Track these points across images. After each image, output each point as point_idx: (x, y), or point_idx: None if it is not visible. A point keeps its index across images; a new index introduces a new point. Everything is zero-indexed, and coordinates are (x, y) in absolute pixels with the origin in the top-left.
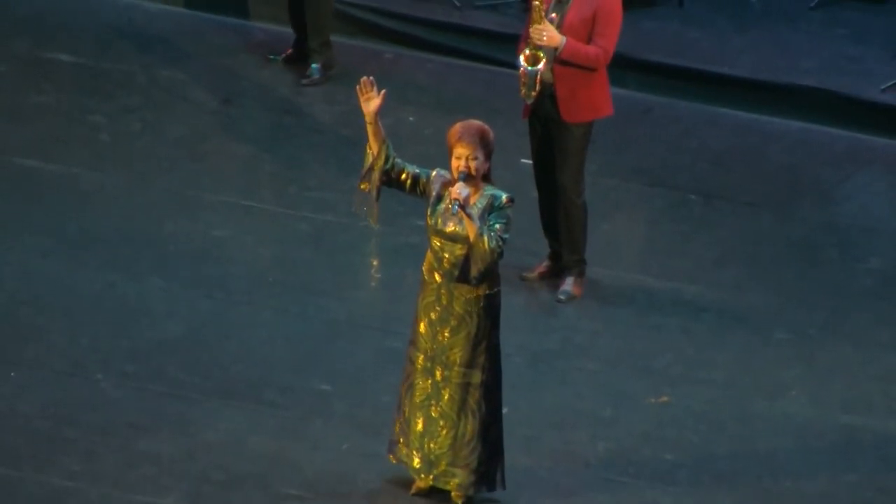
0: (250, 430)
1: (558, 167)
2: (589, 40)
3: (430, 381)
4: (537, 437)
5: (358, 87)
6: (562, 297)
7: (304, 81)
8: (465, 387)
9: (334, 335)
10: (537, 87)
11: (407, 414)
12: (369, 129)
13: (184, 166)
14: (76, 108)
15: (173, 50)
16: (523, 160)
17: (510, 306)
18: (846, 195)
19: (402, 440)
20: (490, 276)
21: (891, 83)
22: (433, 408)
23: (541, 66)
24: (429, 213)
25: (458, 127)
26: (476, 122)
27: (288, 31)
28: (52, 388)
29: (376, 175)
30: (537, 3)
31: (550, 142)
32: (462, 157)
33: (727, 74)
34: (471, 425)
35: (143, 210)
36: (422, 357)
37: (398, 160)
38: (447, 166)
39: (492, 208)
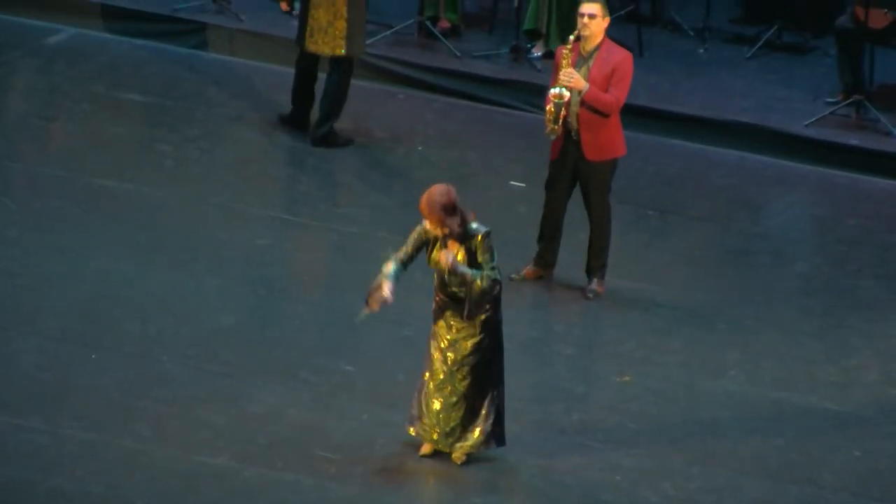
0: (288, 403)
1: (590, 198)
2: (606, 92)
3: (445, 367)
4: (522, 409)
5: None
6: (590, 294)
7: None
8: (475, 367)
9: (357, 325)
10: (560, 122)
11: (428, 396)
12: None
13: (234, 186)
14: (145, 139)
15: (226, 91)
16: (512, 182)
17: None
18: (776, 211)
19: (423, 418)
20: (490, 292)
21: (812, 120)
22: (449, 389)
23: (564, 101)
24: (427, 256)
25: (422, 205)
26: (435, 195)
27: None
28: (126, 368)
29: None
30: (566, 51)
31: (576, 178)
32: (433, 228)
33: (679, 112)
34: (480, 398)
35: (201, 222)
36: (438, 347)
37: (402, 265)
38: (450, 182)
39: (476, 246)
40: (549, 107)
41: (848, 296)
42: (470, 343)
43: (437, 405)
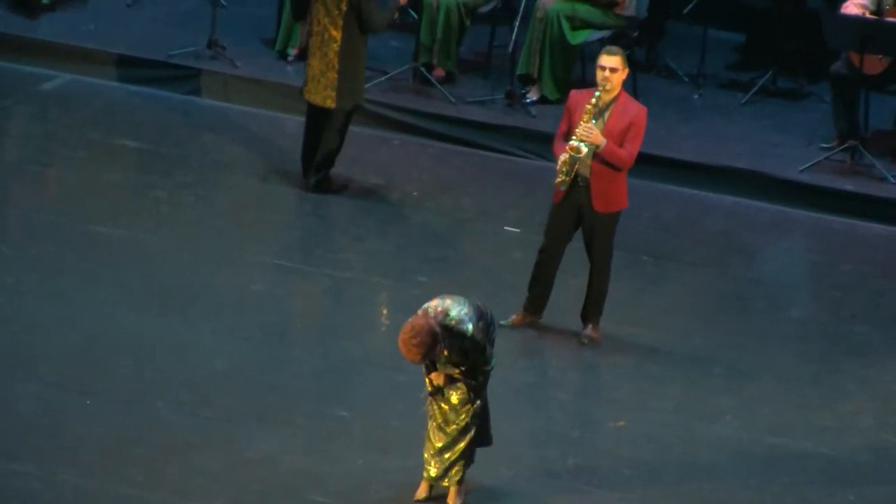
0: (283, 449)
1: (594, 248)
2: (620, 145)
3: (439, 406)
4: (518, 454)
5: None
6: (584, 340)
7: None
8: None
9: (352, 371)
10: (572, 175)
11: (429, 436)
12: None
13: (229, 232)
14: (140, 185)
15: (220, 137)
16: (507, 228)
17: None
18: (771, 257)
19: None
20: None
21: (807, 165)
22: (447, 427)
23: (581, 155)
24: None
25: (400, 348)
26: (406, 335)
27: None
28: (121, 413)
29: None
30: (589, 106)
31: (580, 226)
32: (418, 364)
33: (674, 157)
34: (468, 438)
35: (196, 268)
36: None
37: None
38: (447, 238)
39: (465, 351)
40: (564, 157)
41: (843, 341)
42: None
43: (438, 443)
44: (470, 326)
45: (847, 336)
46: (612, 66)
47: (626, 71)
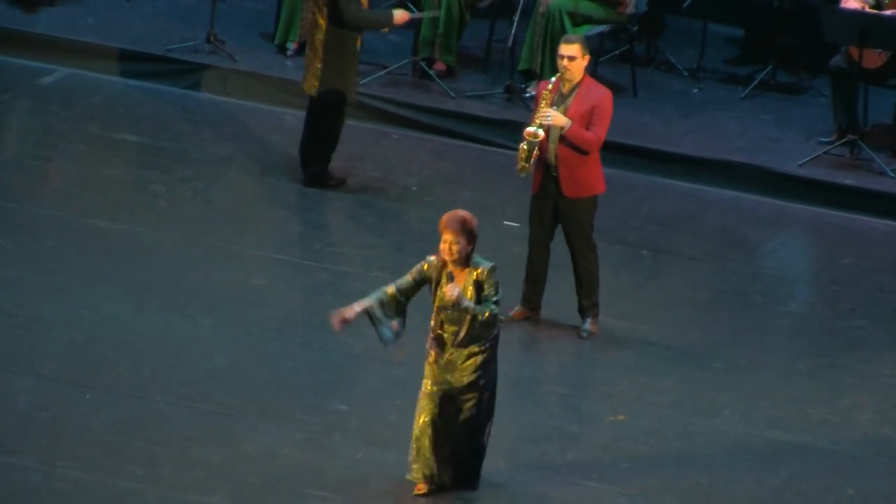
0: (282, 443)
1: (571, 235)
2: (586, 129)
3: (435, 404)
4: (516, 448)
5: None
6: (584, 334)
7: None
8: (470, 407)
9: (350, 365)
10: (531, 161)
11: (418, 434)
12: (360, 311)
13: (228, 227)
14: (139, 179)
15: (219, 132)
16: (506, 222)
17: None
18: (770, 251)
19: (419, 457)
20: (491, 327)
21: (806, 159)
22: (445, 428)
23: (538, 140)
24: (431, 294)
25: (444, 217)
26: (460, 213)
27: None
28: (120, 408)
29: (395, 322)
30: (545, 92)
31: (558, 215)
32: (447, 241)
33: (673, 152)
34: (472, 436)
35: (195, 263)
36: (430, 383)
37: (400, 286)
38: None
39: (480, 283)
40: (523, 144)
41: (842, 335)
42: (466, 381)
43: (428, 442)
44: (488, 262)
45: (846, 330)
46: (570, 54)
47: (587, 57)
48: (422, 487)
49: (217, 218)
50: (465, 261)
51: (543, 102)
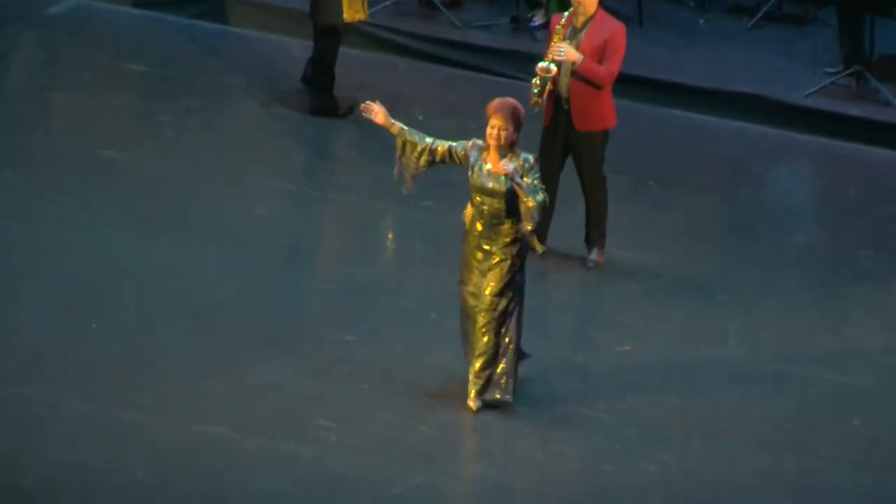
0: (288, 374)
1: (582, 168)
2: (599, 63)
3: (481, 315)
4: (522, 378)
5: (363, 113)
6: (590, 264)
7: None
8: (493, 312)
9: (357, 295)
10: (544, 96)
11: (472, 338)
12: (392, 131)
13: (234, 156)
14: (146, 109)
15: (226, 61)
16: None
17: None
18: (776, 182)
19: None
20: (542, 209)
21: (812, 90)
22: (486, 338)
23: (551, 75)
24: (470, 174)
25: (495, 102)
26: (510, 100)
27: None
28: (126, 339)
29: (412, 165)
30: (559, 27)
31: (567, 148)
32: (495, 126)
33: (679, 82)
34: (497, 344)
35: (201, 192)
36: (473, 293)
37: (433, 144)
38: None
39: (524, 170)
40: (535, 80)
41: (848, 266)
42: (492, 287)
43: (483, 342)
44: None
45: (852, 261)
46: None
47: None
48: (473, 405)
49: (223, 148)
50: (509, 148)
51: (556, 37)
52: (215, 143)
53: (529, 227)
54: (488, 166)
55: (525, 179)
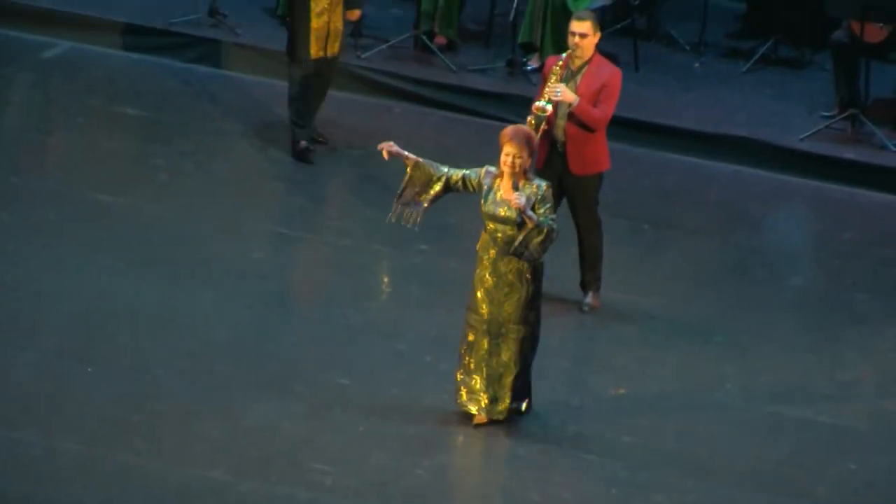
0: (283, 416)
1: (577, 211)
2: (594, 106)
3: (488, 339)
4: (517, 421)
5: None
6: (585, 308)
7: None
8: (519, 340)
9: (352, 338)
10: (538, 136)
11: (471, 367)
12: (406, 163)
13: (229, 200)
14: (141, 153)
15: (221, 105)
16: None
17: None
18: (771, 225)
19: (463, 389)
20: (544, 246)
21: (808, 133)
22: (494, 359)
23: (546, 115)
24: (482, 202)
25: (509, 130)
26: (524, 127)
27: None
28: (121, 381)
29: (421, 196)
30: (556, 68)
31: (562, 191)
32: (510, 154)
33: (675, 126)
34: (519, 367)
35: (196, 236)
36: (480, 320)
37: (449, 173)
38: (448, 206)
39: (537, 198)
40: (530, 118)
41: (843, 310)
42: (513, 314)
43: (483, 374)
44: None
45: (847, 304)
46: (581, 31)
47: (598, 35)
48: (482, 417)
49: (218, 191)
50: (523, 175)
51: (553, 78)
52: (210, 187)
53: (534, 253)
54: (501, 192)
55: (538, 209)
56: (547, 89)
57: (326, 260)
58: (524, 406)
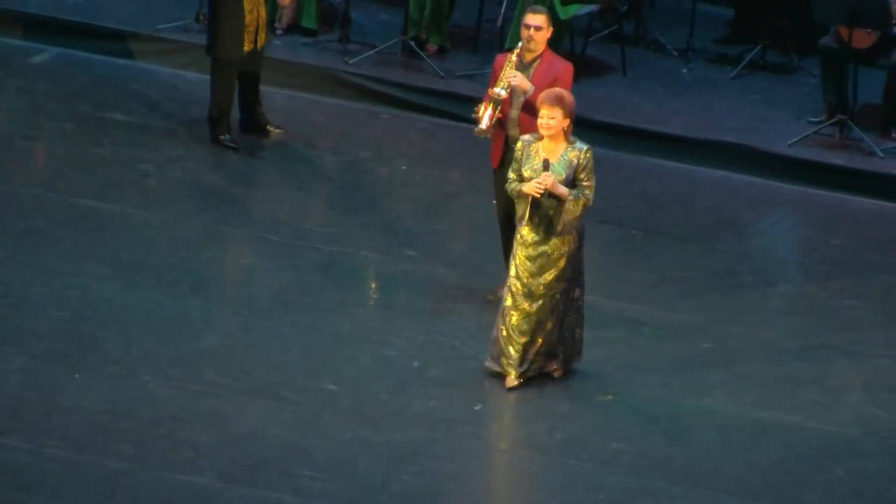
0: (271, 422)
1: None
2: None
3: (528, 302)
4: (506, 428)
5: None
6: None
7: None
8: (558, 297)
9: (340, 344)
10: (491, 122)
11: (506, 332)
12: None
13: (217, 206)
14: (128, 159)
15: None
16: (494, 201)
17: (481, 324)
18: (759, 231)
19: (500, 353)
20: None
21: (796, 139)
22: (533, 318)
23: (502, 98)
24: (522, 169)
25: (543, 93)
26: (557, 89)
27: (301, 95)
28: (109, 388)
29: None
30: (508, 61)
31: None
32: (544, 116)
33: (662, 132)
34: (564, 324)
35: (184, 242)
36: (519, 284)
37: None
38: (436, 212)
39: (577, 165)
40: (479, 106)
41: (831, 316)
42: (552, 276)
43: (522, 338)
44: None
45: (835, 310)
46: (536, 24)
47: (551, 30)
48: (516, 382)
49: (206, 197)
50: (561, 136)
51: (509, 66)
52: (198, 193)
53: (562, 225)
54: (541, 156)
55: (579, 175)
56: (504, 74)
57: (314, 266)
58: (559, 369)
